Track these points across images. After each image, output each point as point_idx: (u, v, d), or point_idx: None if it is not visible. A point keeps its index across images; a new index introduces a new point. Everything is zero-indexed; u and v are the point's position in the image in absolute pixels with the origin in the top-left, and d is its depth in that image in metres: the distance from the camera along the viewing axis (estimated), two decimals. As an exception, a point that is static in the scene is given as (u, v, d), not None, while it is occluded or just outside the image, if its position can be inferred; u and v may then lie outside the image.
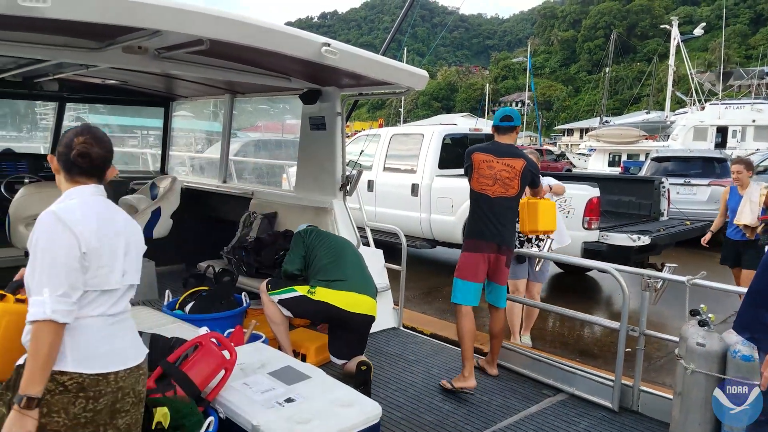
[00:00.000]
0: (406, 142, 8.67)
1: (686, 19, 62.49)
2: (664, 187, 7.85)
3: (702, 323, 2.96)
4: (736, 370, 2.77)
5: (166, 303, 4.13)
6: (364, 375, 3.49)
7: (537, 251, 4.62)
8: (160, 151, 7.46)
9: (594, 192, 6.43)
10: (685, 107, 29.09)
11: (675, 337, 3.21)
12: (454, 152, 8.12)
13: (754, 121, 22.49)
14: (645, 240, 6.35)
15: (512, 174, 3.73)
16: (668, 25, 32.88)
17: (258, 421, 2.46)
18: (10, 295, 2.32)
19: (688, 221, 7.81)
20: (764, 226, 5.47)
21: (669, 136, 25.30)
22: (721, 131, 23.11)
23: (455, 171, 7.68)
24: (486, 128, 9.62)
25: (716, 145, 22.01)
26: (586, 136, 36.94)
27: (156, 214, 5.54)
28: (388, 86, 4.44)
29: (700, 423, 2.91)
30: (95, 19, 2.64)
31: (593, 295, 7.71)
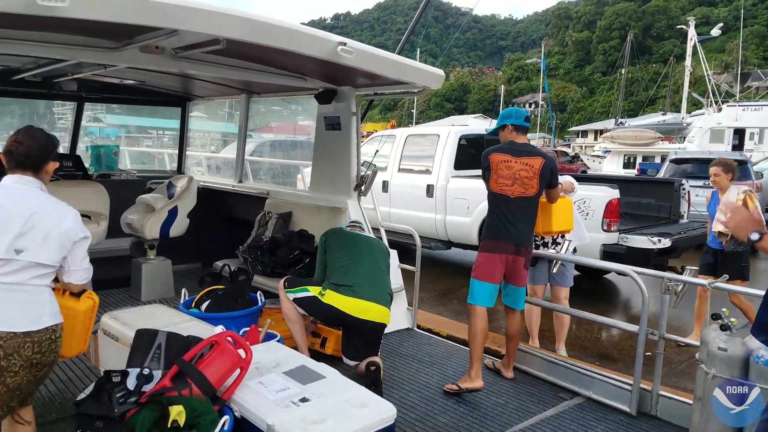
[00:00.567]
0: (422, 142, 8.64)
1: (702, 20, 61.73)
2: (684, 189, 7.74)
3: (723, 327, 2.91)
4: (759, 375, 2.72)
5: (182, 301, 4.15)
6: (373, 375, 3.48)
7: (554, 253, 4.56)
8: (176, 151, 7.52)
9: (614, 193, 6.33)
10: (702, 109, 28.75)
11: (695, 341, 3.16)
12: (469, 153, 8.09)
13: (772, 123, 22.19)
14: (666, 242, 6.26)
15: (531, 173, 3.69)
16: (685, 26, 32.54)
17: (273, 421, 2.45)
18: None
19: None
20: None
21: (685, 138, 25.05)
22: (739, 133, 22.82)
23: (471, 172, 7.65)
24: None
25: (733, 147, 21.74)
26: (600, 137, 36.68)
27: (173, 213, 5.57)
28: (403, 86, 4.43)
29: (721, 429, 2.86)
30: (113, 19, 2.65)
31: (611, 297, 7.64)
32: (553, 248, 4.66)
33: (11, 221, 2.22)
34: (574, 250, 4.80)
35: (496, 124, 3.98)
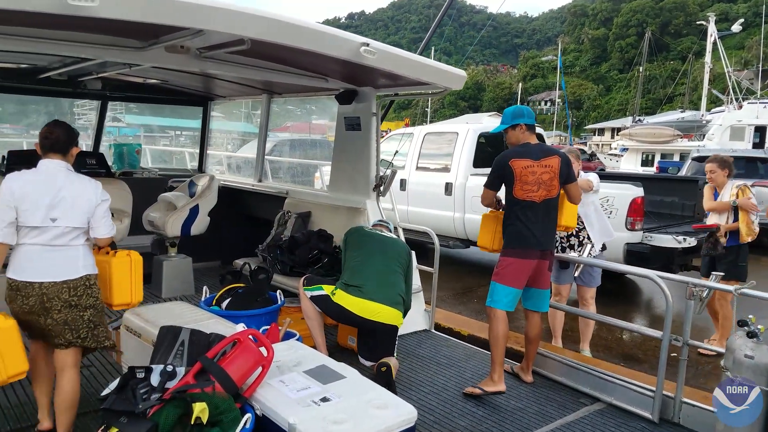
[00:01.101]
0: (440, 140, 8.60)
1: (721, 17, 60.65)
2: None
3: (750, 334, 2.86)
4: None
5: (203, 299, 4.18)
6: (384, 376, 3.47)
7: (576, 256, 4.51)
8: (195, 150, 7.58)
9: (638, 191, 6.18)
10: (722, 106, 28.31)
11: (721, 348, 3.11)
12: (488, 151, 8.02)
13: (794, 120, 21.79)
14: (691, 241, 6.12)
15: (552, 174, 3.66)
16: (704, 22, 32.07)
17: (295, 420, 2.45)
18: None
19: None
20: (708, 235, 5.05)
21: (705, 135, 24.69)
22: (760, 130, 22.43)
23: (490, 170, 7.59)
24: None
25: (754, 145, 21.38)
26: (618, 135, 36.29)
27: (194, 212, 5.62)
28: (424, 86, 4.41)
29: (746, 437, 2.83)
30: (141, 19, 2.68)
31: (634, 298, 7.55)
32: (578, 249, 4.61)
33: (43, 196, 2.73)
34: (603, 247, 4.70)
35: (504, 124, 3.80)
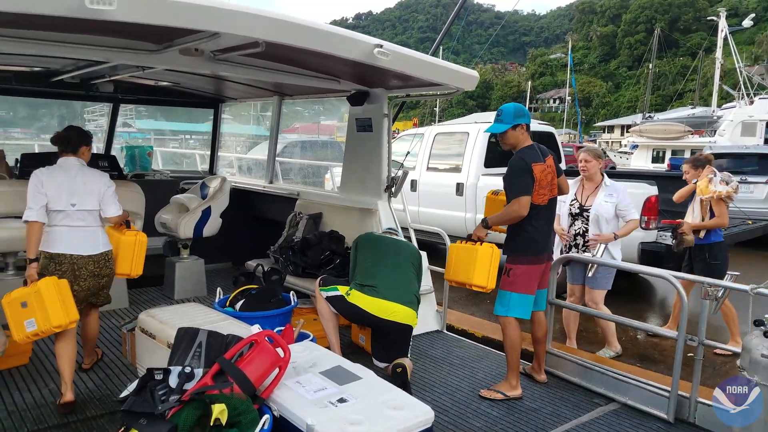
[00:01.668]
0: (450, 140, 8.56)
1: (731, 12, 60.19)
2: None
3: (767, 334, 2.84)
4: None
5: (217, 300, 4.21)
6: (400, 377, 3.48)
7: (590, 256, 4.49)
8: (206, 152, 7.61)
9: (652, 190, 6.10)
10: (733, 102, 28.00)
11: (737, 348, 3.09)
12: (499, 151, 7.97)
13: (806, 115, 21.49)
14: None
15: (553, 173, 3.64)
16: (715, 17, 31.76)
17: (313, 421, 2.46)
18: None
19: (750, 221, 7.45)
20: (672, 231, 5.03)
21: (716, 131, 24.43)
22: (771, 126, 22.14)
23: (502, 170, 7.56)
24: (533, 125, 9.47)
25: (766, 141, 21.13)
26: (628, 132, 36.01)
27: (206, 214, 5.65)
28: (436, 87, 4.41)
29: (764, 437, 2.81)
30: (158, 22, 2.69)
31: (647, 297, 7.49)
32: (582, 249, 4.59)
33: (64, 187, 3.41)
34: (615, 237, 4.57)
35: (505, 124, 3.54)
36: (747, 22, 31.64)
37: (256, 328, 3.14)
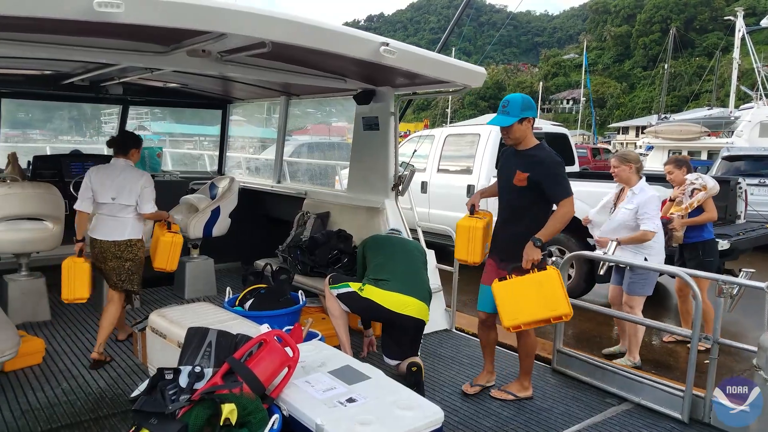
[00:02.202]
0: (461, 142, 8.52)
1: (749, 11, 59.40)
2: (741, 188, 7.28)
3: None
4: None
5: (227, 299, 4.22)
6: (415, 376, 3.47)
7: (601, 254, 4.44)
8: (215, 153, 7.66)
9: (669, 193, 6.06)
10: (751, 102, 27.62)
11: (753, 347, 3.03)
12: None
13: (825, 116, 21.14)
14: (724, 244, 5.88)
15: None
16: (732, 17, 31.37)
17: (322, 421, 2.46)
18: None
19: None
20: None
21: (733, 132, 24.09)
22: (791, 127, 21.79)
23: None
24: (545, 127, 9.39)
25: (785, 142, 20.81)
26: (643, 133, 35.66)
27: (215, 213, 5.68)
28: (443, 84, 4.40)
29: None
30: (165, 23, 2.72)
31: (663, 301, 7.36)
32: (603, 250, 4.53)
33: (109, 183, 4.02)
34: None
35: (513, 117, 3.24)
36: (765, 22, 31.16)
37: (265, 328, 3.15)
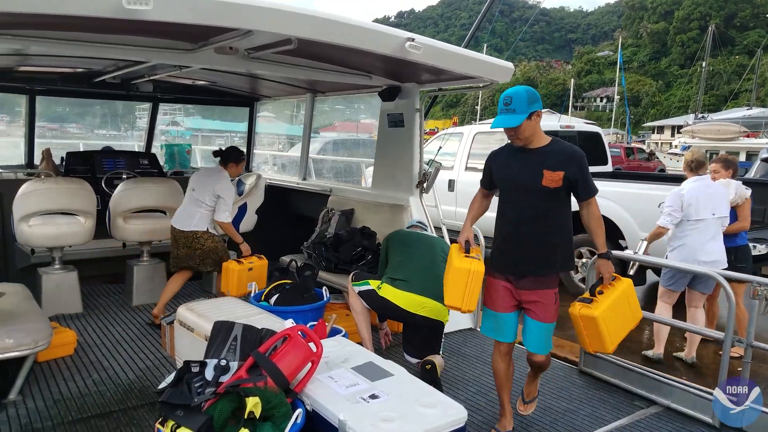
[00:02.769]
0: (491, 140, 8.39)
1: (792, 8, 57.43)
2: None
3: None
4: None
5: (252, 294, 4.27)
6: (429, 374, 3.44)
7: (631, 253, 4.35)
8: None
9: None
10: (792, 102, 26.66)
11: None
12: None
13: None
14: (761, 249, 5.77)
15: None
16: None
17: (345, 416, 2.45)
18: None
19: None
20: None
21: (773, 132, 23.32)
22: (834, 127, 20.99)
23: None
24: (578, 125, 9.22)
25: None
26: (679, 132, 34.77)
27: (242, 210, 5.76)
28: (470, 80, 4.35)
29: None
30: (193, 20, 2.75)
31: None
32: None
33: (197, 179, 4.66)
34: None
35: (521, 113, 2.84)
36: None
37: (289, 323, 3.17)
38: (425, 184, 4.96)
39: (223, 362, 2.79)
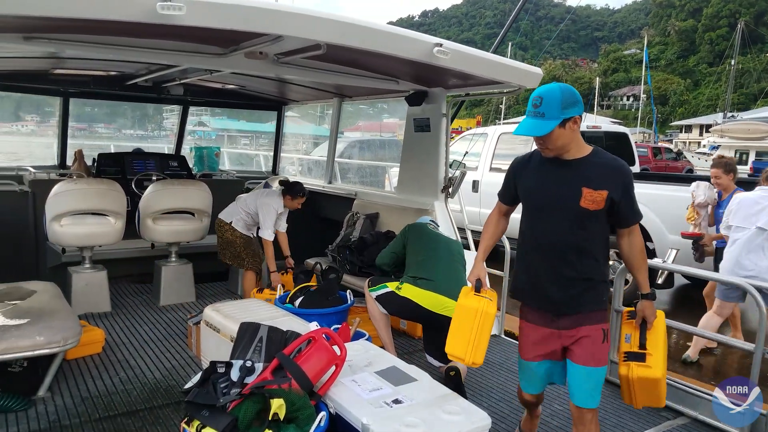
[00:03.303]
0: (516, 141, 8.36)
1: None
2: None
3: None
4: None
5: (278, 296, 4.31)
6: (453, 381, 3.40)
7: (660, 262, 4.29)
8: (270, 153, 7.82)
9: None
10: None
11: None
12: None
13: None
14: None
15: None
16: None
17: (368, 420, 2.46)
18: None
19: None
20: (693, 242, 4.75)
21: (806, 133, 22.69)
22: None
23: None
24: (604, 125, 9.10)
25: None
26: (708, 131, 34.04)
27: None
28: (497, 85, 4.32)
29: None
30: (224, 25, 2.78)
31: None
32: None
33: (242, 203, 5.06)
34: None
35: (551, 119, 2.36)
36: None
37: (314, 326, 3.19)
38: (450, 189, 4.94)
39: (248, 363, 2.81)
